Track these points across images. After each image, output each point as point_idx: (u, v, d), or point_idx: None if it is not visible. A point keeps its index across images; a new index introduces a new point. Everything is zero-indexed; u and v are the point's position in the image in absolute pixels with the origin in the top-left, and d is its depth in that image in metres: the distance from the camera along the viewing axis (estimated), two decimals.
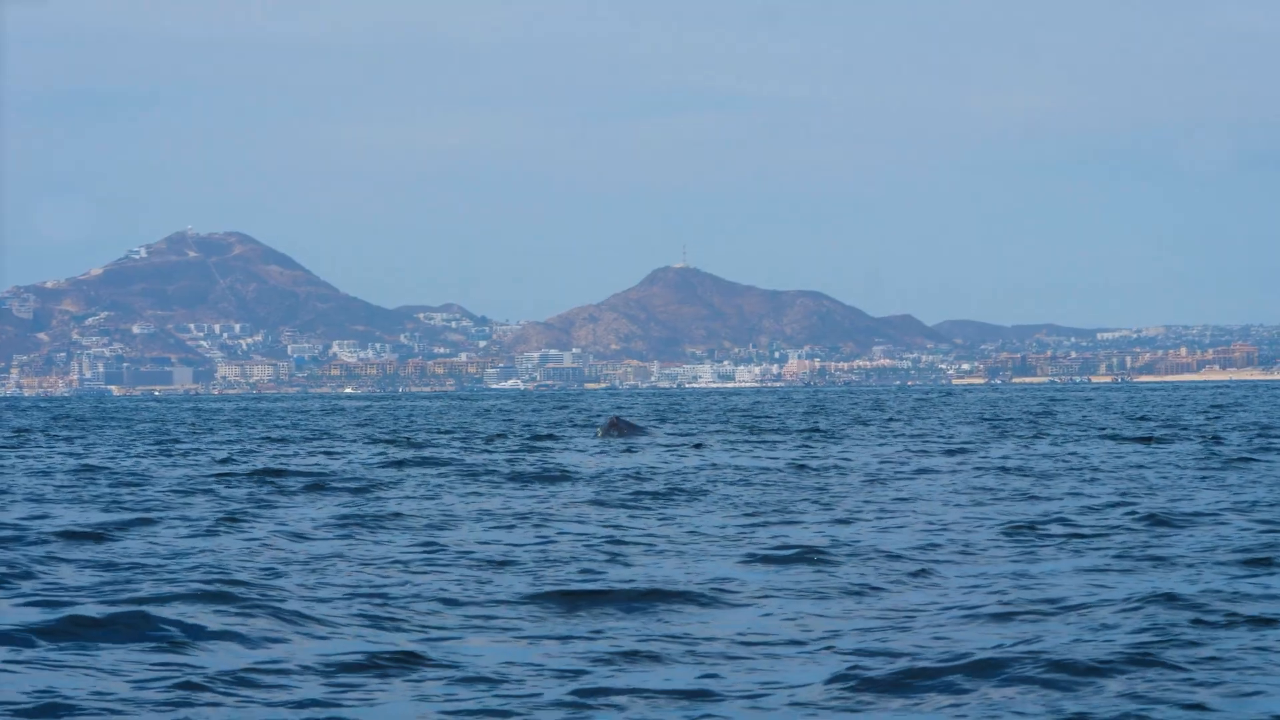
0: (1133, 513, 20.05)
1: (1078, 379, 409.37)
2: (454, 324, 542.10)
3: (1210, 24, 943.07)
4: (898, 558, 15.80)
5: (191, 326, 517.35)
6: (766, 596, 13.39)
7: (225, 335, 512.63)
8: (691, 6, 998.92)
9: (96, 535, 17.27)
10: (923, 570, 14.81)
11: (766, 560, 15.64)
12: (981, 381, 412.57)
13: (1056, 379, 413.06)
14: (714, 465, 30.47)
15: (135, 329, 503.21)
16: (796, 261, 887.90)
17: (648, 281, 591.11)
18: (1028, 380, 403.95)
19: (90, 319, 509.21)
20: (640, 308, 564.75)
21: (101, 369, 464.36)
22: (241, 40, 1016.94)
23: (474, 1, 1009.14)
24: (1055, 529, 18.11)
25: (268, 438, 47.85)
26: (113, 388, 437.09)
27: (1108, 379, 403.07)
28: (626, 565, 15.37)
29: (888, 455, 33.51)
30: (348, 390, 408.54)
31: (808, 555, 15.85)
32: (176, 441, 44.90)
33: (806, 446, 38.15)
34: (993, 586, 13.79)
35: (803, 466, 29.15)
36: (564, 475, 26.91)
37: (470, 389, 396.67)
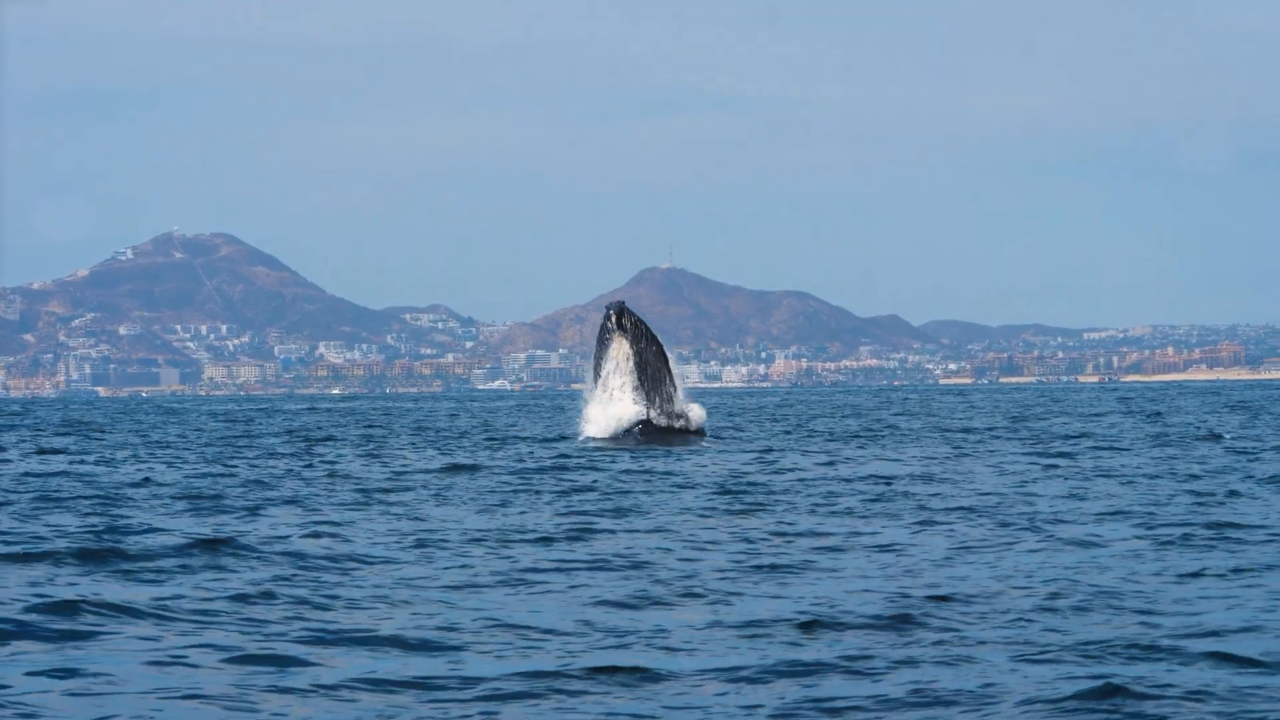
0: None
1: (1065, 379, 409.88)
2: (440, 325, 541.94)
3: (1210, 24, 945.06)
4: (1107, 570, 15.30)
5: (178, 328, 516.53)
6: (983, 615, 12.85)
7: (212, 336, 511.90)
8: (690, 6, 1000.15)
9: (219, 554, 16.81)
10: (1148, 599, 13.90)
11: (937, 588, 14.46)
12: (969, 381, 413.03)
13: (1044, 379, 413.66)
14: (796, 474, 28.82)
15: (122, 330, 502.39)
16: (783, 262, 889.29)
17: (634, 282, 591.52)
18: (1015, 380, 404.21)
19: (77, 320, 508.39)
20: None
21: (88, 370, 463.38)
22: (227, 41, 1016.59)
23: (468, 2, 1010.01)
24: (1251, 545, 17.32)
25: (306, 439, 47.38)
26: (99, 389, 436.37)
27: (1095, 379, 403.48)
28: (782, 585, 14.58)
29: (957, 462, 31.91)
30: (335, 391, 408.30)
31: (973, 578, 15.04)
32: (210, 445, 44.45)
33: (865, 450, 37.32)
34: (1239, 600, 13.44)
35: (890, 478, 27.52)
36: (638, 483, 26.10)
37: (458, 390, 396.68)
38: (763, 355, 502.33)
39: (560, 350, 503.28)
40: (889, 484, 26.01)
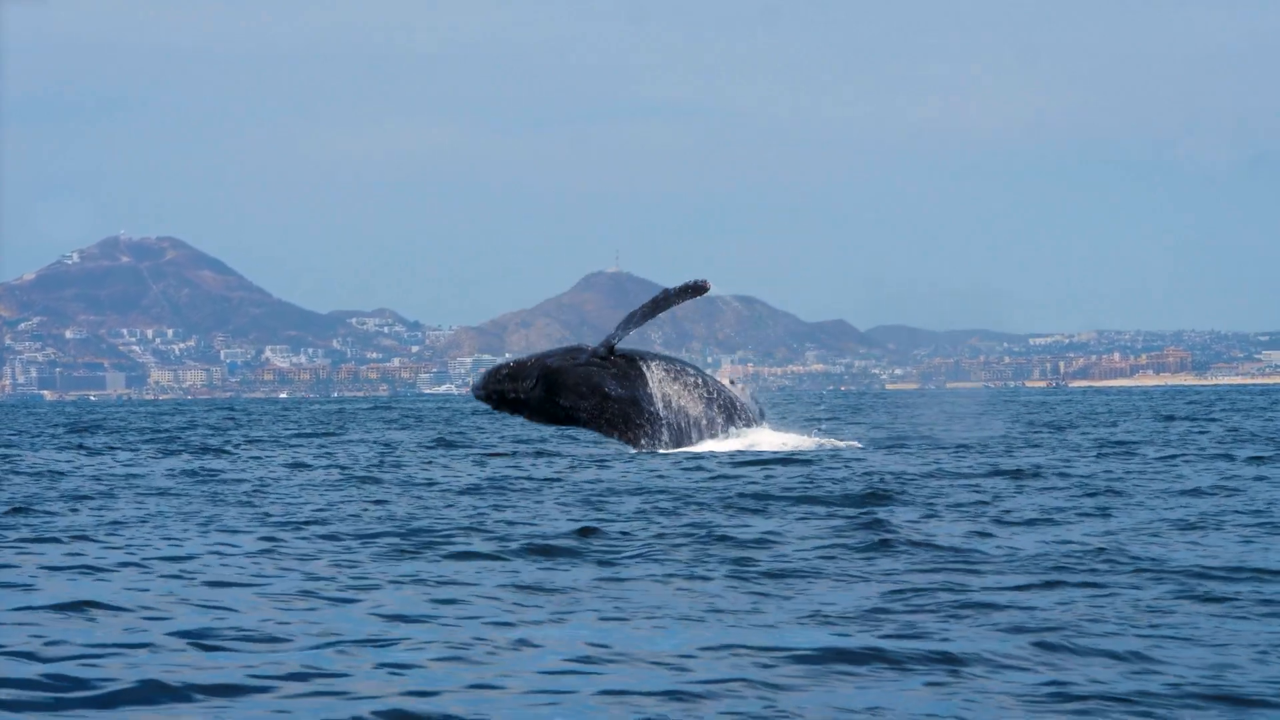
0: None
1: (1011, 384, 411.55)
2: (387, 329, 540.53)
3: (1188, 32, 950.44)
4: None
5: (124, 332, 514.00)
6: None
7: (158, 340, 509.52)
8: (638, 13, 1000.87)
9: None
10: None
11: None
12: (914, 387, 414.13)
13: (990, 384, 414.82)
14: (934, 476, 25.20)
15: (68, 334, 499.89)
16: (729, 266, 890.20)
17: (581, 286, 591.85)
18: (961, 385, 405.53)
19: (23, 324, 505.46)
20: (573, 313, 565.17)
21: (35, 374, 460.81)
22: (173, 48, 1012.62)
23: (414, 8, 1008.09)
24: None
25: (382, 442, 45.59)
26: (45, 393, 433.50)
27: (1042, 384, 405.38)
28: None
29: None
30: (283, 395, 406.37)
31: None
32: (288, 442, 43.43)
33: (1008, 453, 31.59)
34: None
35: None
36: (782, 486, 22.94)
37: (404, 394, 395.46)
38: (709, 360, 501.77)
39: (506, 355, 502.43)
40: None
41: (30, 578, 13.94)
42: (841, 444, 34.25)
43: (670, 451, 31.62)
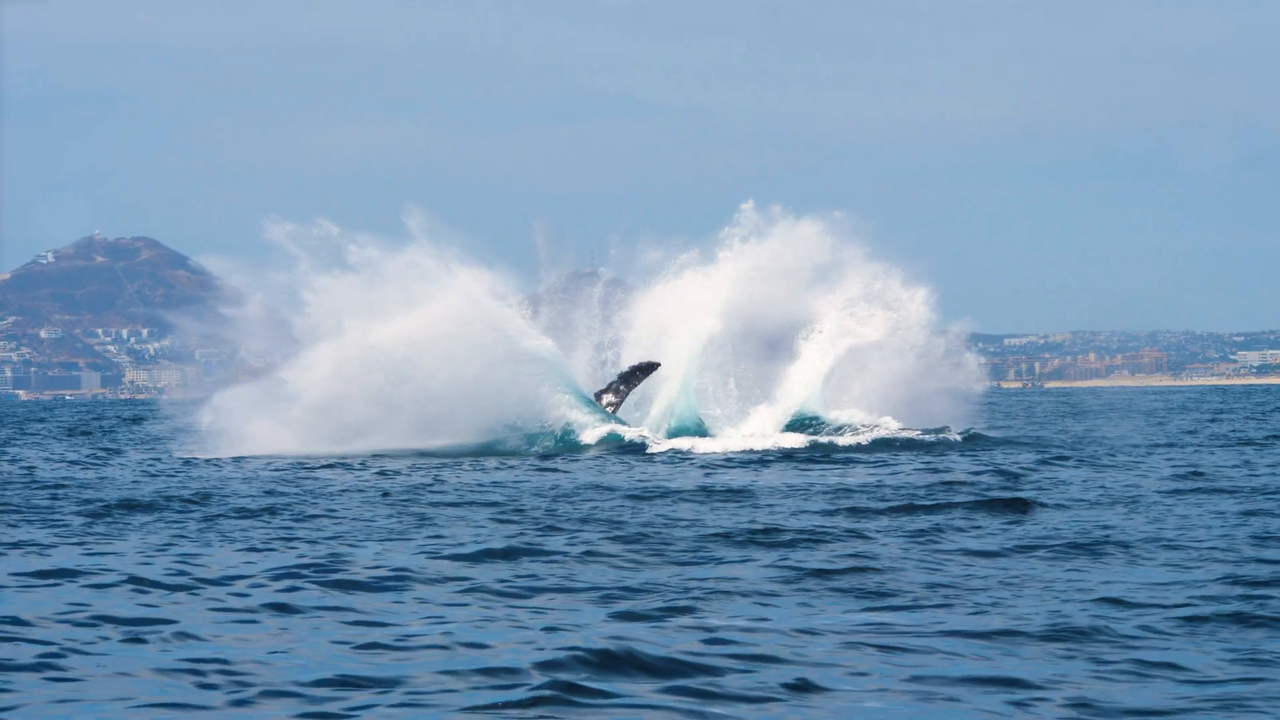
0: None
1: (988, 384, 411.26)
2: None
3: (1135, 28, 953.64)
4: None
5: (99, 331, 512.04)
6: None
7: (133, 340, 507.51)
8: (614, 12, 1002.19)
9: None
10: None
11: None
12: None
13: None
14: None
15: (43, 334, 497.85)
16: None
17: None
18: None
19: None
20: None
21: (9, 374, 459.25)
22: (146, 45, 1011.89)
23: (390, 8, 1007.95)
24: None
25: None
26: (20, 392, 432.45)
27: (1017, 385, 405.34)
28: None
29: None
30: None
31: None
32: None
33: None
34: None
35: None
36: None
37: None
38: None
39: None
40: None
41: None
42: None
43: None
